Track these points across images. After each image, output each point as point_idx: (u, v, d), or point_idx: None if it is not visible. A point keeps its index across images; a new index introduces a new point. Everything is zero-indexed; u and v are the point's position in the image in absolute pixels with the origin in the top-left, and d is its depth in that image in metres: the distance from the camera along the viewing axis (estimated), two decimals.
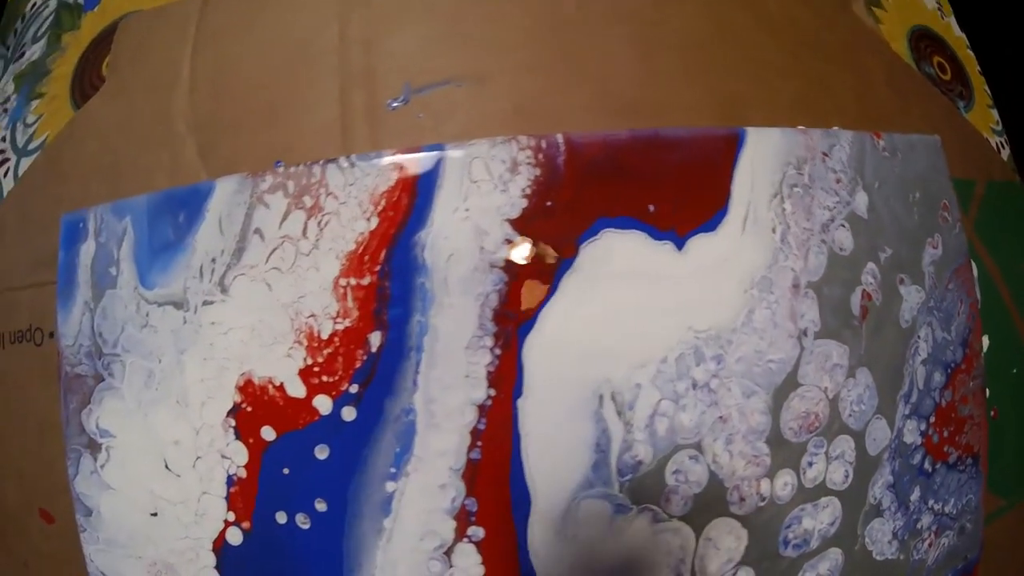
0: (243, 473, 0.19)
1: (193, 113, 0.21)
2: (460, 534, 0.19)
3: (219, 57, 0.21)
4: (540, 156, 0.18)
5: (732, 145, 0.18)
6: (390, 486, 0.19)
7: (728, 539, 0.19)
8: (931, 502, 0.21)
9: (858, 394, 0.20)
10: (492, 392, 0.18)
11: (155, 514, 0.21)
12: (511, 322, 0.18)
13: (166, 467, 0.20)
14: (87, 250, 0.21)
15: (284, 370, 0.19)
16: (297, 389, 0.19)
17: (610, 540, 0.19)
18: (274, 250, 0.19)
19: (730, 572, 0.19)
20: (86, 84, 0.24)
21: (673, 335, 0.18)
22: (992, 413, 0.24)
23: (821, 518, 0.19)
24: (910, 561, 0.21)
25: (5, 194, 0.25)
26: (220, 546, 0.20)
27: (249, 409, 0.19)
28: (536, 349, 0.18)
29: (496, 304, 0.18)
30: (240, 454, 0.19)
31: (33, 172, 0.24)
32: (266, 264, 0.19)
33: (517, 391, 0.18)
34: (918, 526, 0.21)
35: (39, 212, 0.24)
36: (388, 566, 0.19)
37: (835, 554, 0.20)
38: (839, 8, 0.21)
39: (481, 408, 0.18)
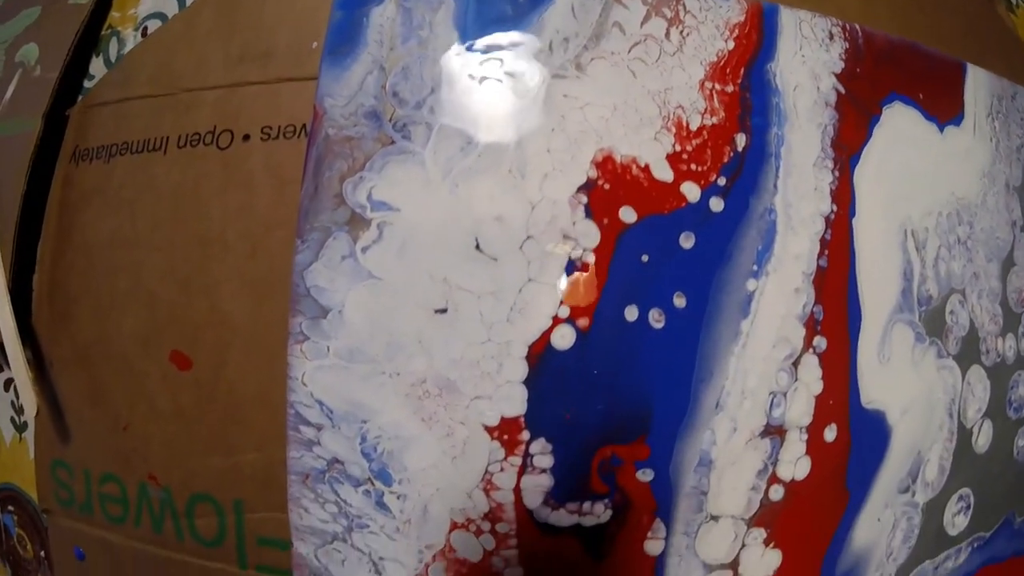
0: (590, 258, 0.16)
1: None
2: (807, 344, 0.18)
3: None
4: (847, 34, 0.21)
5: (959, 70, 0.23)
6: (751, 284, 0.18)
7: (979, 387, 0.21)
8: None
9: None
10: (835, 208, 0.19)
11: (443, 310, 0.16)
12: (844, 153, 0.20)
13: (477, 248, 0.16)
14: (383, 12, 0.18)
15: (651, 152, 0.17)
16: (664, 173, 0.17)
17: (910, 370, 0.20)
18: (636, 44, 0.19)
19: (979, 421, 0.21)
20: None
21: (943, 195, 0.21)
22: None
23: None
24: None
25: None
26: (540, 351, 0.16)
27: (607, 187, 0.17)
28: (863, 179, 0.20)
29: (832, 135, 0.20)
30: (590, 235, 0.17)
31: None
32: (628, 54, 0.18)
33: (852, 211, 0.19)
34: None
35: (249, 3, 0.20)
36: (739, 376, 0.17)
37: None
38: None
39: (827, 220, 0.19)
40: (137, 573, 0.22)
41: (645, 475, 0.17)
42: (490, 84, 0.18)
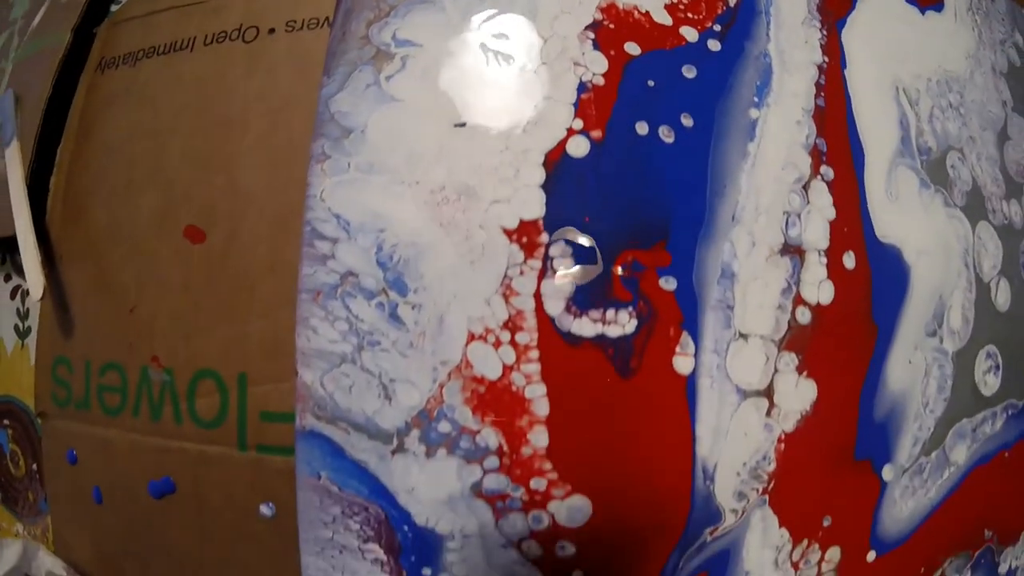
0: (600, 81, 0.17)
1: None
2: (815, 170, 0.18)
3: None
4: None
5: None
6: (753, 113, 0.18)
7: (991, 244, 0.21)
8: None
9: None
10: (826, 59, 0.20)
11: (462, 124, 0.16)
12: (830, 17, 0.21)
13: (494, 72, 0.17)
14: None
15: (649, 1, 0.19)
16: (663, 18, 0.19)
17: (920, 211, 0.20)
18: None
19: (996, 277, 0.21)
20: None
21: (931, 64, 0.22)
22: None
23: None
24: None
25: None
26: (556, 158, 0.16)
27: (611, 26, 0.18)
28: (851, 39, 0.21)
29: (818, 2, 0.21)
30: (598, 63, 0.18)
31: None
32: None
33: (843, 63, 0.20)
34: None
35: None
36: (752, 192, 0.17)
37: None
38: None
39: (820, 68, 0.20)
40: (131, 470, 0.21)
41: (668, 283, 0.17)
42: None
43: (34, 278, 0.21)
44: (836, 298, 0.18)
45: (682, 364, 0.17)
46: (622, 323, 0.16)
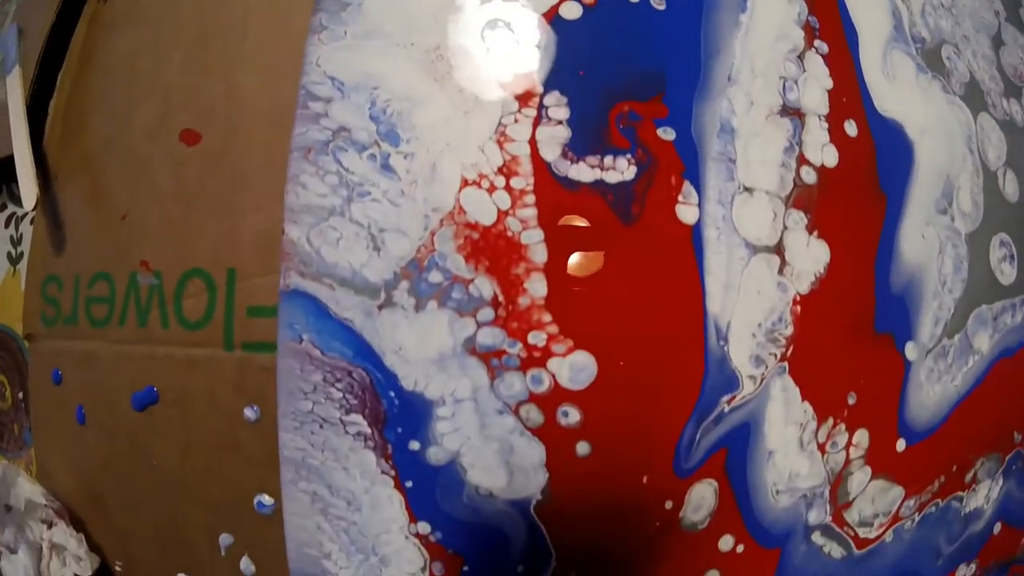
0: None
1: None
2: (808, 43, 0.18)
3: None
4: None
5: None
6: None
7: (994, 135, 0.21)
8: None
9: None
10: None
11: None
12: None
13: None
14: None
15: None
16: None
17: (918, 93, 0.19)
18: None
19: (1002, 168, 0.21)
20: None
21: None
22: None
23: None
24: None
25: None
26: (550, 20, 0.16)
27: None
28: None
29: None
30: None
31: None
32: None
33: None
34: None
35: None
36: (747, 57, 0.17)
37: None
38: None
39: None
40: (115, 383, 0.20)
41: (667, 133, 0.16)
42: None
43: (28, 189, 0.20)
44: (841, 162, 0.18)
45: (686, 213, 0.16)
46: (621, 169, 0.16)
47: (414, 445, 0.15)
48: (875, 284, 0.18)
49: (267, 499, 0.17)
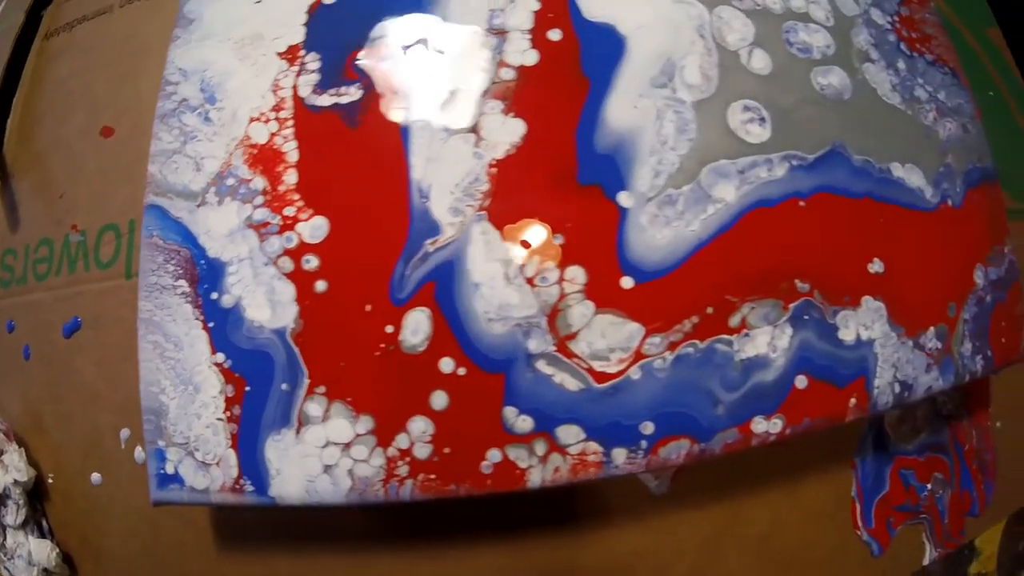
0: None
1: None
2: None
3: None
4: None
5: None
6: None
7: (736, 22, 0.23)
8: (919, 80, 0.24)
9: None
10: None
11: (259, 1, 0.24)
12: None
13: None
14: None
15: None
16: None
17: (638, 3, 0.22)
18: None
19: (747, 48, 0.22)
20: None
21: None
22: None
23: (815, 39, 0.23)
24: (920, 123, 0.24)
25: None
26: (315, 8, 0.23)
27: None
28: None
29: None
30: None
31: None
32: None
33: None
34: (915, 93, 0.24)
35: None
36: (456, 2, 0.22)
37: (839, 72, 0.23)
38: None
39: None
40: (52, 320, 0.28)
41: (385, 64, 0.21)
42: None
43: None
44: (541, 61, 0.22)
45: (397, 115, 0.21)
46: (351, 95, 0.21)
47: (214, 295, 0.21)
48: (576, 147, 0.20)
49: None
